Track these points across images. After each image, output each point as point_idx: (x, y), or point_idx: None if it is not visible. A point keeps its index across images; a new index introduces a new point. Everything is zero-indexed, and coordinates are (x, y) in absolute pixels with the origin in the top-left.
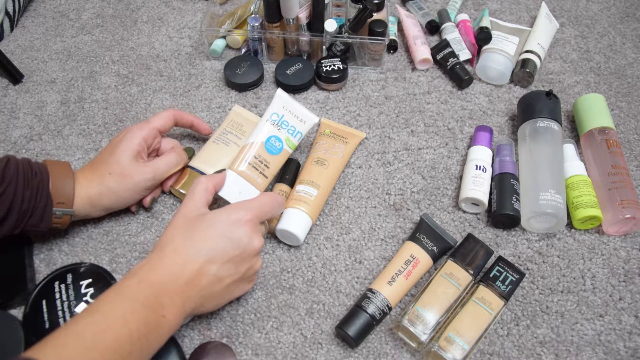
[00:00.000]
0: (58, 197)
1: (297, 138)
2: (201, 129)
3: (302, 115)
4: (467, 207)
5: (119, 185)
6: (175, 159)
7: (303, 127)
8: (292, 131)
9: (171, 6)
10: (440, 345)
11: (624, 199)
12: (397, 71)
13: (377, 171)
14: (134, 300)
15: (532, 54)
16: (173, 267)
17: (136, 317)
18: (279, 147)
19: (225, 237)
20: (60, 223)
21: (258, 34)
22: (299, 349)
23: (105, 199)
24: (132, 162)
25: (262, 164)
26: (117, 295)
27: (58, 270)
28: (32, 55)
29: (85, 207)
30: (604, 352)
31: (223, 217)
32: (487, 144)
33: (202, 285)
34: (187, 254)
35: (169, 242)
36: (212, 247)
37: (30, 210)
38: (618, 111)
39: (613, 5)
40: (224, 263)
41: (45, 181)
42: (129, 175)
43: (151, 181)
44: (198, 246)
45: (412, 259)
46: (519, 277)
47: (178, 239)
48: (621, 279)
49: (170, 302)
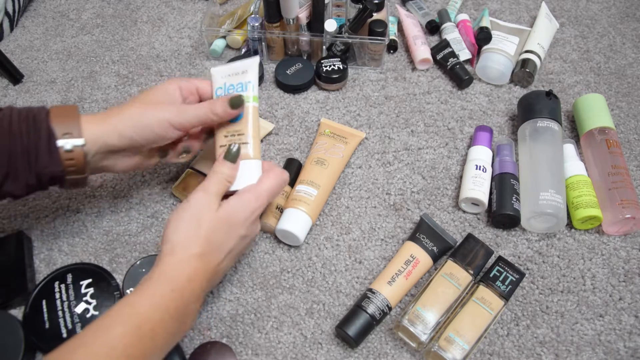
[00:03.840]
0: (62, 129)
1: (250, 89)
2: None
3: (241, 69)
4: (467, 207)
5: (140, 111)
6: (205, 107)
7: (249, 76)
8: (241, 87)
9: (171, 6)
10: (440, 345)
11: (624, 199)
12: (397, 71)
13: (377, 171)
14: (164, 311)
15: (532, 54)
16: (198, 274)
17: (164, 329)
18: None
19: (241, 236)
20: (74, 161)
21: (258, 34)
22: (299, 349)
23: (124, 126)
24: (163, 95)
25: (234, 136)
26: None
27: (58, 270)
28: (32, 55)
29: (99, 136)
30: (604, 352)
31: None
32: (487, 144)
33: (217, 278)
34: (210, 261)
35: (192, 244)
36: (231, 248)
37: (34, 147)
38: (618, 111)
39: (613, 5)
40: (235, 256)
41: (42, 114)
42: (157, 105)
43: (177, 117)
44: (220, 250)
45: (412, 259)
46: (519, 277)
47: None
48: (621, 279)
49: (194, 308)
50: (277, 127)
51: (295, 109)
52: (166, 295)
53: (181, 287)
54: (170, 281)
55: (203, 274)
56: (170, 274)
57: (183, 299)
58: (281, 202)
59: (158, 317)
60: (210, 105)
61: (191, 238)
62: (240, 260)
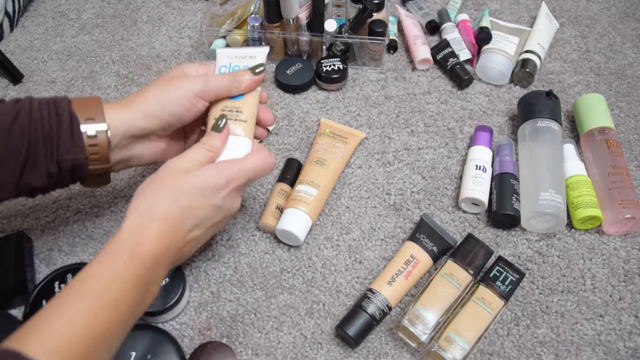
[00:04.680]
0: (85, 114)
1: None
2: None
3: (250, 54)
4: (467, 207)
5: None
6: (228, 77)
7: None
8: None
9: (171, 6)
10: (440, 345)
11: (624, 199)
12: (397, 71)
13: (377, 171)
14: (126, 280)
15: (532, 54)
16: (164, 239)
17: (127, 298)
18: None
19: (214, 205)
20: (98, 147)
21: (258, 34)
22: (299, 349)
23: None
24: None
25: (233, 112)
26: (109, 274)
27: (58, 270)
28: (32, 55)
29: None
30: (604, 352)
31: (215, 185)
32: (487, 144)
33: (185, 250)
34: (177, 224)
35: (156, 205)
36: (201, 216)
37: (56, 132)
38: (618, 111)
39: (613, 5)
40: (208, 228)
41: (63, 101)
42: (175, 80)
43: (203, 88)
44: (188, 215)
45: (412, 259)
46: (519, 277)
47: (166, 202)
48: (621, 279)
49: (158, 275)
50: (277, 127)
51: (295, 109)
52: (127, 262)
53: (143, 252)
54: (131, 246)
55: (170, 240)
56: (131, 239)
57: (144, 265)
58: (281, 202)
59: (119, 287)
60: (234, 74)
61: (156, 200)
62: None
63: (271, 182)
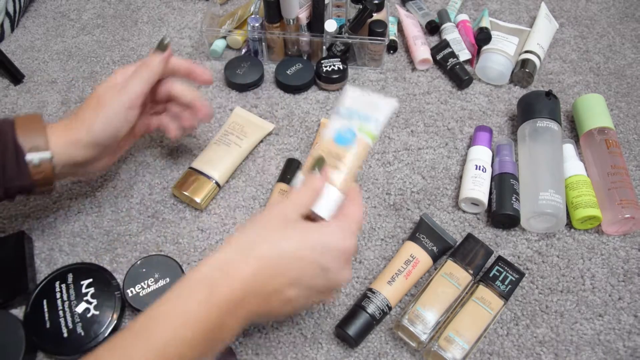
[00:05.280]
0: (29, 143)
1: (373, 124)
2: (199, 77)
3: (374, 102)
4: (466, 207)
5: (95, 112)
6: (141, 71)
7: (377, 112)
8: (366, 118)
9: (171, 6)
10: (440, 344)
11: (624, 199)
12: (397, 71)
13: (377, 171)
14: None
15: (531, 54)
16: (251, 284)
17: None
18: (350, 137)
19: (321, 266)
20: (43, 174)
21: (258, 35)
22: (299, 348)
23: (84, 133)
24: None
25: (333, 157)
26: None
27: (59, 270)
28: (32, 55)
29: (65, 149)
30: (603, 352)
31: (331, 245)
32: (486, 144)
33: (274, 307)
34: (273, 271)
35: (255, 244)
36: (303, 272)
37: (1, 162)
38: (617, 111)
39: (612, 5)
40: (307, 292)
41: (7, 126)
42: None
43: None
44: (289, 266)
45: (412, 259)
46: (519, 277)
47: (267, 244)
48: (620, 278)
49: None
50: (277, 127)
51: (295, 109)
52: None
53: (221, 293)
54: (211, 284)
55: (258, 286)
56: (214, 275)
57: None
58: None
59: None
60: (144, 62)
61: (257, 238)
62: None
63: (271, 182)
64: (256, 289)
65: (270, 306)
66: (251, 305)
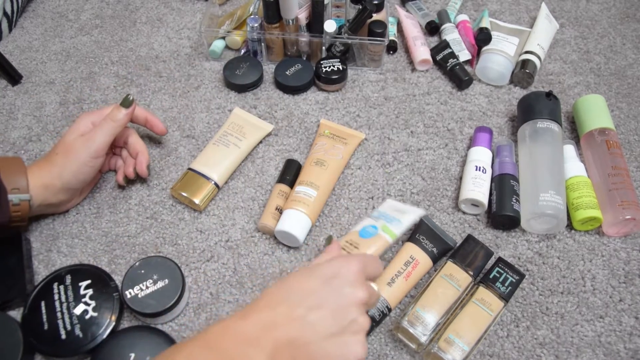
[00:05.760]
0: (11, 184)
1: (395, 225)
2: (156, 127)
3: (404, 210)
4: (466, 208)
5: (65, 160)
6: (104, 122)
7: (403, 217)
8: (390, 220)
9: (170, 7)
10: (440, 346)
11: (624, 200)
12: (396, 72)
13: (376, 172)
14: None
15: (532, 55)
16: (263, 314)
17: None
18: (372, 232)
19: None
20: (20, 212)
21: (257, 35)
22: None
23: (57, 180)
24: (76, 138)
25: (351, 245)
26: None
27: (57, 271)
28: (30, 56)
29: (41, 192)
30: (604, 354)
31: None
32: (487, 145)
33: (293, 335)
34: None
35: (267, 293)
36: (308, 292)
37: None
38: (618, 112)
39: (613, 6)
40: (319, 309)
41: None
42: (72, 149)
43: (89, 150)
44: (294, 290)
45: (412, 260)
46: (519, 279)
47: (274, 286)
48: (621, 280)
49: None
50: (277, 128)
51: (294, 109)
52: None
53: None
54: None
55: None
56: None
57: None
58: (280, 203)
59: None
60: (109, 115)
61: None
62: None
63: (270, 183)
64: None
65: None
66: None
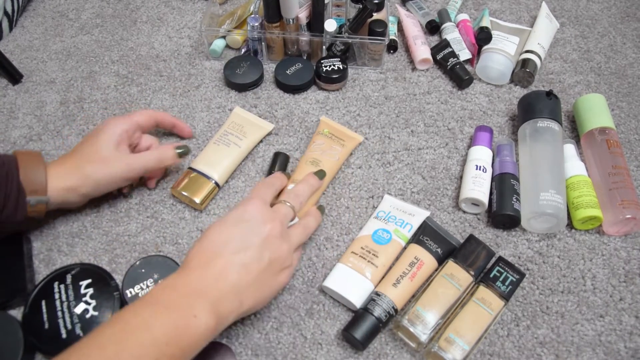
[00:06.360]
0: (30, 186)
1: (407, 229)
2: (183, 132)
3: (410, 211)
4: (467, 207)
5: (99, 173)
6: (154, 158)
7: (413, 219)
8: (401, 223)
9: (171, 6)
10: (440, 345)
11: (625, 199)
12: (397, 71)
13: (377, 171)
14: (156, 304)
15: (532, 54)
16: (197, 269)
17: (160, 321)
18: (387, 237)
19: (237, 223)
20: (37, 212)
21: (258, 34)
22: (299, 349)
23: (84, 187)
24: (112, 150)
25: (370, 253)
26: (140, 302)
27: (57, 270)
28: (31, 55)
29: (62, 194)
30: (604, 353)
31: (233, 211)
32: (487, 144)
33: (231, 280)
34: (209, 252)
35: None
36: (229, 238)
37: (3, 200)
38: (618, 111)
39: (613, 5)
40: (246, 250)
41: (13, 170)
42: (108, 163)
43: (128, 172)
44: (216, 241)
45: (417, 261)
46: (519, 278)
47: (198, 246)
48: (622, 279)
49: (201, 302)
50: (277, 127)
51: (295, 109)
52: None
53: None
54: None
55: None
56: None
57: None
58: None
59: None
60: (159, 156)
61: None
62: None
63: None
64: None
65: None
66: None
